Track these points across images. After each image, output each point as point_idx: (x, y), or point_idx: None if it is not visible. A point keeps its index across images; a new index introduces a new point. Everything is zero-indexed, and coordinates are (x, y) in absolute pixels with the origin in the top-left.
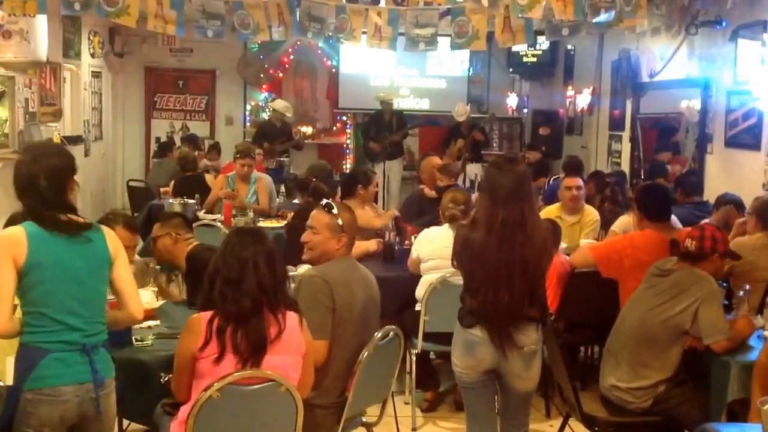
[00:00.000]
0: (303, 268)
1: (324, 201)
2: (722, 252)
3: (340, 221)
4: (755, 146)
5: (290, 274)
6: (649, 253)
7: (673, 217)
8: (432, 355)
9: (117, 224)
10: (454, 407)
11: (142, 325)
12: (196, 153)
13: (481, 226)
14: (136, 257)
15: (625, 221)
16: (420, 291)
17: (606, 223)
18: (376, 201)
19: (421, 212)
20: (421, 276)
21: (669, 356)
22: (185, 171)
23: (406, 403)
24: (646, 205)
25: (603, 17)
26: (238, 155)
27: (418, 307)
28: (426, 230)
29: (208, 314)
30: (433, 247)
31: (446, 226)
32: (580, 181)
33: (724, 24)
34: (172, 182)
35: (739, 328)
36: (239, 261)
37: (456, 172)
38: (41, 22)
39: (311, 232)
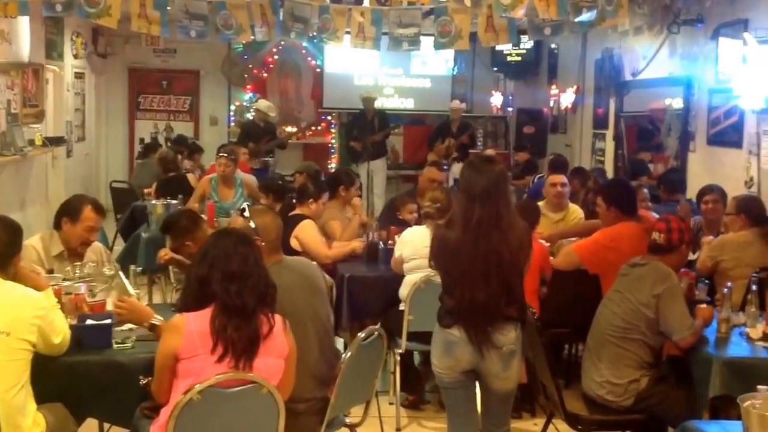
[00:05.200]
0: None
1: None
2: (688, 241)
3: (252, 224)
4: (737, 144)
5: None
6: (630, 244)
7: (656, 215)
8: (417, 358)
9: (85, 205)
10: (438, 407)
11: (123, 328)
12: (179, 155)
13: (457, 225)
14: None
15: None
16: (403, 291)
17: (590, 215)
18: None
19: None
20: (404, 275)
21: (646, 348)
22: (167, 171)
23: (391, 404)
24: (622, 200)
25: (585, 16)
26: (218, 153)
27: (402, 307)
28: (408, 230)
29: (193, 314)
30: (415, 247)
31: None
32: (564, 178)
33: (705, 23)
34: (155, 183)
35: (703, 317)
36: (239, 256)
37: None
38: (23, 23)
39: None
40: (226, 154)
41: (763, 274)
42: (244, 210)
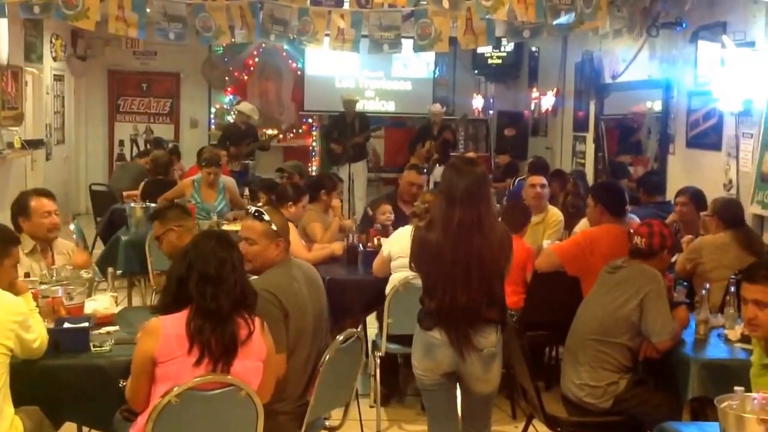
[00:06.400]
0: None
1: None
2: (670, 247)
3: (274, 226)
4: (716, 146)
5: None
6: (610, 246)
7: (635, 217)
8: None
9: (30, 198)
10: (419, 410)
11: (101, 331)
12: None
13: (438, 227)
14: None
15: (587, 223)
16: (389, 289)
17: (569, 218)
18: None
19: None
20: (386, 277)
21: (626, 352)
22: (156, 174)
23: (371, 407)
24: (611, 201)
25: (563, 19)
26: (203, 163)
27: None
28: (399, 229)
29: (169, 317)
30: (403, 245)
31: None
32: (544, 180)
33: (684, 26)
34: (142, 183)
35: (680, 318)
36: (217, 260)
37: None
38: (1, 25)
39: (247, 243)
40: (213, 166)
41: (741, 276)
42: (260, 213)
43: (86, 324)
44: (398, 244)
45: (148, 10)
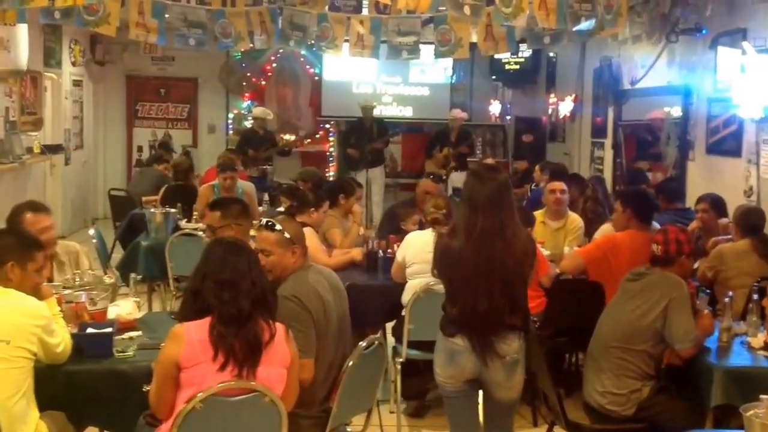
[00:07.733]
0: None
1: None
2: (688, 253)
3: (287, 234)
4: (736, 153)
5: None
6: (631, 252)
7: (655, 224)
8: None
9: (23, 214)
10: (441, 415)
11: (124, 336)
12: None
13: (461, 234)
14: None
15: (607, 228)
16: (406, 296)
17: (588, 223)
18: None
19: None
20: (405, 282)
21: (648, 359)
22: (177, 180)
23: (392, 412)
24: (640, 208)
25: (584, 25)
26: (218, 168)
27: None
28: (411, 233)
29: (193, 323)
30: (417, 250)
31: (430, 230)
32: (564, 185)
33: (704, 32)
34: (163, 188)
35: (704, 326)
36: (232, 265)
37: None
38: (21, 30)
39: (263, 255)
40: (228, 171)
41: (764, 284)
42: (271, 224)
43: (110, 329)
44: (411, 249)
45: (167, 16)
